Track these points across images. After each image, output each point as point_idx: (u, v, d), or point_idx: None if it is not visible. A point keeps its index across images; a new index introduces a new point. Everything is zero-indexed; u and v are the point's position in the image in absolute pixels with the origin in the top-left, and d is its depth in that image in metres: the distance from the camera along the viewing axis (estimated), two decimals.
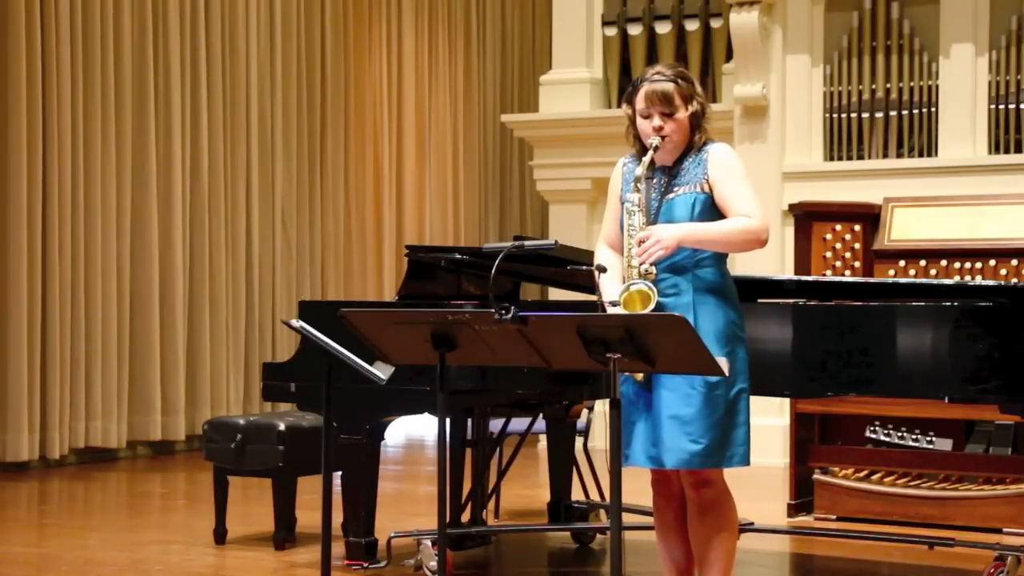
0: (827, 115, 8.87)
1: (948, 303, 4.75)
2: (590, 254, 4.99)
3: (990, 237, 7.06)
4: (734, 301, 4.03)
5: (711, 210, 3.95)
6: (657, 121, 3.94)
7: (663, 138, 3.93)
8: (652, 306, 3.81)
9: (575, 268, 5.02)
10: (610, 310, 3.89)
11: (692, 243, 3.89)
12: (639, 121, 3.99)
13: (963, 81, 8.51)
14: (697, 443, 3.88)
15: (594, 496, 6.40)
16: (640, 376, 3.93)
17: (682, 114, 3.95)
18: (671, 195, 3.97)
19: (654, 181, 4.01)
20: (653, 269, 3.89)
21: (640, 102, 3.97)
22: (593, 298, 4.93)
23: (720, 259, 4.02)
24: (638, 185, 3.92)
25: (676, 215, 3.94)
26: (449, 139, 12.17)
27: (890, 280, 6.20)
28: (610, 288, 3.99)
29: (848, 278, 6.69)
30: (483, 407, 5.87)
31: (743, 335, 4.03)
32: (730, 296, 4.02)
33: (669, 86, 3.93)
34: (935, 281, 6.09)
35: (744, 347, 4.00)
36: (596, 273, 4.00)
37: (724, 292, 3.99)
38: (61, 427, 8.64)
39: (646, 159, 3.92)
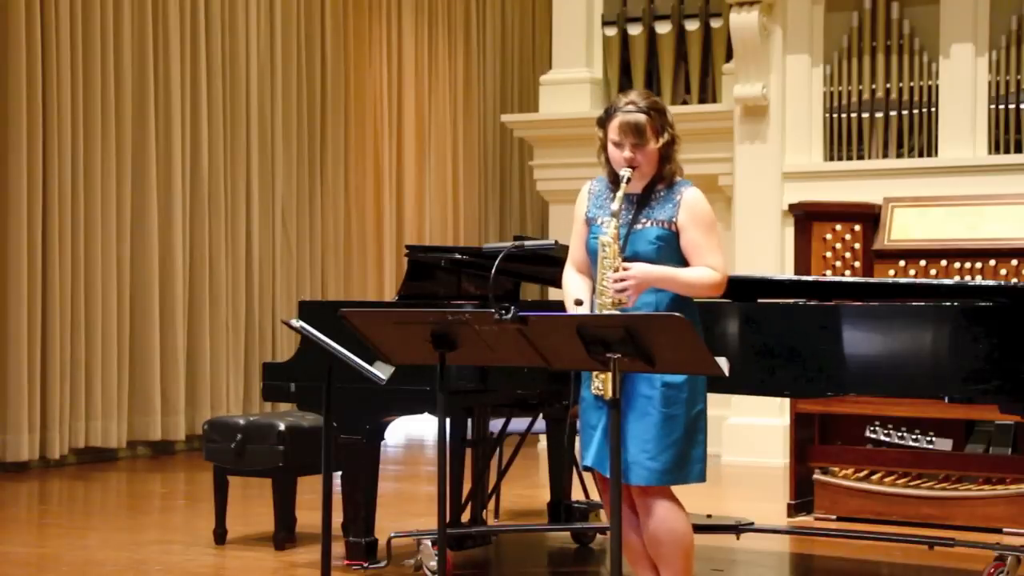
0: (827, 115, 8.87)
1: (948, 303, 4.75)
2: None
3: (990, 237, 7.06)
4: (697, 323, 4.09)
5: (674, 250, 4.03)
6: (628, 152, 4.01)
7: (633, 169, 3.99)
8: None
9: None
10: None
11: (661, 285, 4.01)
12: (611, 148, 4.06)
13: (963, 81, 8.51)
14: (655, 460, 3.97)
15: (594, 496, 6.39)
16: (597, 390, 3.97)
17: (652, 145, 4.02)
18: (638, 226, 4.04)
19: (623, 209, 4.06)
20: (627, 300, 3.96)
21: (613, 132, 4.04)
22: None
23: None
24: (615, 219, 3.97)
25: (640, 248, 4.02)
26: (449, 139, 12.17)
27: (890, 280, 6.21)
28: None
29: (848, 278, 6.69)
30: (483, 407, 5.87)
31: None
32: (694, 319, 4.06)
33: (642, 118, 4.01)
34: (935, 281, 6.09)
35: None
36: (572, 305, 4.07)
37: (689, 315, 4.03)
38: (61, 427, 8.64)
39: (620, 193, 3.98)
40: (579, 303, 4.05)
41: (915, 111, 8.63)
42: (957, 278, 6.89)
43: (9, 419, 8.37)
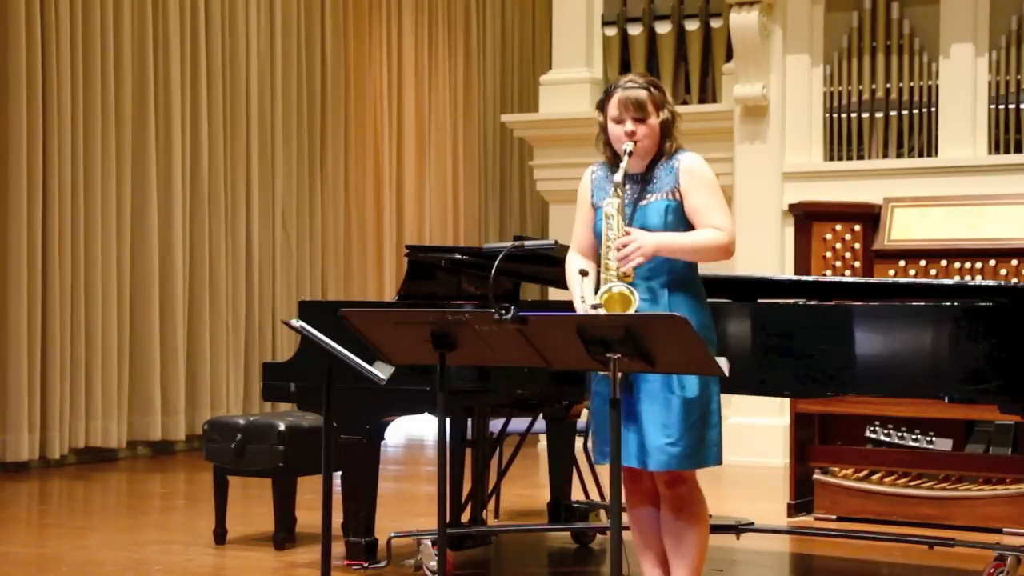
0: (827, 115, 8.87)
1: (948, 303, 4.75)
2: None
3: (990, 237, 7.06)
4: (704, 304, 4.13)
5: (682, 218, 4.05)
6: (630, 126, 4.05)
7: (635, 143, 4.02)
8: (634, 308, 3.89)
9: None
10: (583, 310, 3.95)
11: (667, 252, 4.00)
12: (611, 127, 4.10)
13: (963, 81, 8.51)
14: (676, 445, 3.99)
15: (594, 496, 6.40)
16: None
17: (653, 120, 4.06)
18: (644, 202, 4.07)
19: (627, 187, 4.09)
20: (632, 272, 3.95)
21: (613, 108, 4.08)
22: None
23: (692, 264, 4.12)
24: (618, 191, 3.99)
25: (649, 222, 4.04)
26: (449, 139, 12.17)
27: (890, 280, 6.21)
28: (586, 292, 4.05)
29: (848, 278, 6.69)
30: (483, 407, 5.87)
31: (714, 338, 4.15)
32: (701, 299, 4.12)
33: (642, 93, 4.06)
34: (935, 281, 6.10)
35: (714, 349, 4.06)
36: (579, 277, 4.07)
37: (696, 296, 4.09)
38: (61, 427, 8.64)
39: (623, 164, 4.01)
40: (584, 273, 4.05)
41: (915, 111, 8.63)
42: (957, 278, 6.89)
43: (9, 419, 8.37)
